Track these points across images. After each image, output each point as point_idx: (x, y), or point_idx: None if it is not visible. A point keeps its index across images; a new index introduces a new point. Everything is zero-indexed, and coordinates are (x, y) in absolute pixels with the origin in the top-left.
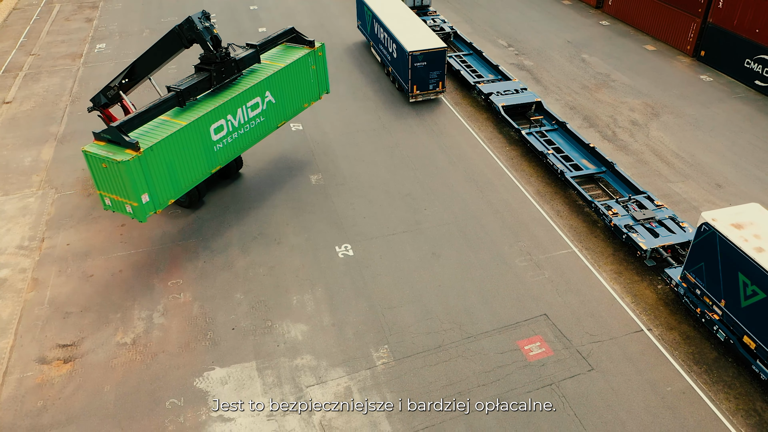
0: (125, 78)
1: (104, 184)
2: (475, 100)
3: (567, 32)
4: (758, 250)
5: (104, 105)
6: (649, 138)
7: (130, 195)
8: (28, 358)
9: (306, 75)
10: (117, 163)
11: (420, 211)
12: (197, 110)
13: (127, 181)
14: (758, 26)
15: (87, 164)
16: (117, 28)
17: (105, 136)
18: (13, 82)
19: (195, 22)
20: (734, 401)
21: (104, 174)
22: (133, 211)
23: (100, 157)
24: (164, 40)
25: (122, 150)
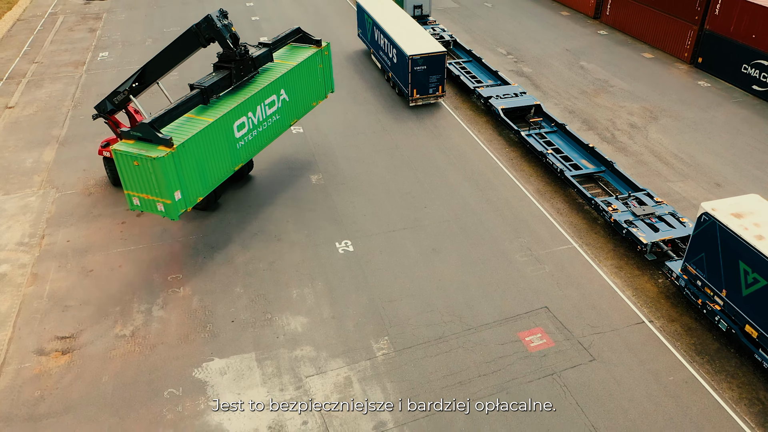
0: (135, 82)
1: (134, 184)
2: (474, 105)
3: (565, 41)
4: (758, 238)
5: (110, 111)
6: (648, 140)
7: (163, 192)
8: (26, 349)
9: (315, 73)
10: (152, 160)
11: (420, 209)
12: (221, 107)
13: (161, 178)
14: (755, 32)
15: (116, 163)
16: (120, 38)
17: (135, 134)
18: (16, 88)
19: (214, 21)
20: (737, 390)
21: (135, 173)
22: (165, 209)
23: (132, 155)
24: (180, 40)
25: (155, 147)
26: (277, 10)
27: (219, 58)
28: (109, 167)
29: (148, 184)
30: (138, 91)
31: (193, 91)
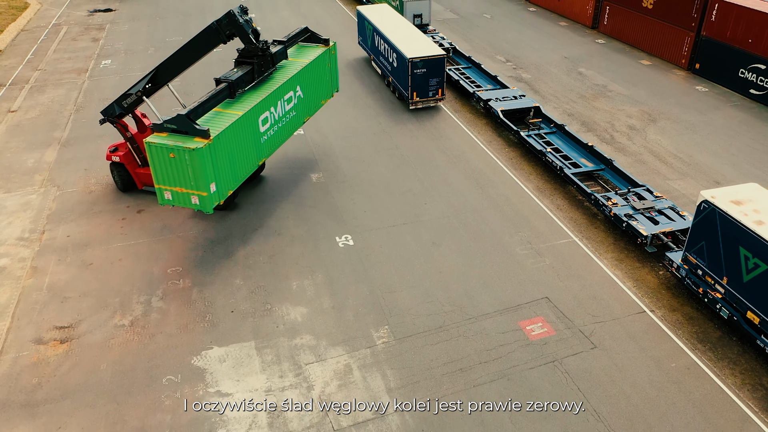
0: (149, 83)
1: (167, 177)
2: (474, 108)
3: (564, 49)
4: (758, 223)
5: (119, 115)
6: (647, 141)
7: (200, 185)
8: (25, 339)
9: (324, 71)
10: (190, 152)
11: (420, 205)
12: (247, 101)
13: (198, 169)
14: (751, 36)
15: (149, 157)
16: (123, 47)
17: (169, 126)
18: (19, 93)
19: (236, 16)
20: (740, 376)
21: (169, 165)
22: (200, 202)
23: (167, 147)
24: (199, 37)
25: (191, 138)
26: (277, 21)
27: (240, 54)
28: (118, 172)
29: (183, 177)
30: (151, 92)
31: (220, 85)
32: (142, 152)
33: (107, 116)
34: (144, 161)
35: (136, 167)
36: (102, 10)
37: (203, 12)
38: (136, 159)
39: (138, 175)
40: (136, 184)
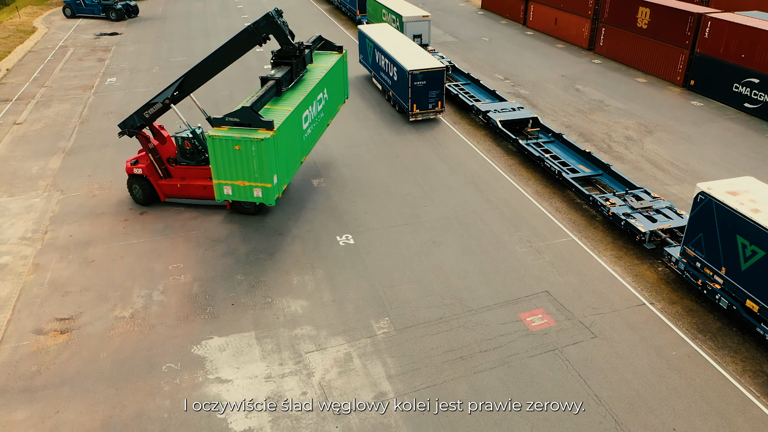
0: (176, 90)
1: (229, 171)
2: (473, 120)
3: (561, 69)
4: (755, 211)
5: (140, 126)
6: (644, 150)
7: (265, 176)
8: (25, 329)
9: (340, 77)
10: (257, 142)
11: (420, 207)
12: (291, 99)
13: (264, 161)
14: (744, 51)
15: (210, 151)
16: (128, 66)
17: (231, 120)
18: (24, 107)
19: (275, 17)
20: (741, 364)
21: (232, 159)
22: (264, 194)
23: (233, 139)
24: (233, 41)
25: (254, 130)
26: None
27: (277, 55)
28: (140, 185)
29: (246, 170)
30: (178, 100)
31: (268, 83)
32: (164, 163)
33: (126, 128)
34: (166, 173)
35: (158, 179)
36: (108, 33)
37: (207, 36)
38: (158, 171)
39: (161, 187)
40: (159, 196)
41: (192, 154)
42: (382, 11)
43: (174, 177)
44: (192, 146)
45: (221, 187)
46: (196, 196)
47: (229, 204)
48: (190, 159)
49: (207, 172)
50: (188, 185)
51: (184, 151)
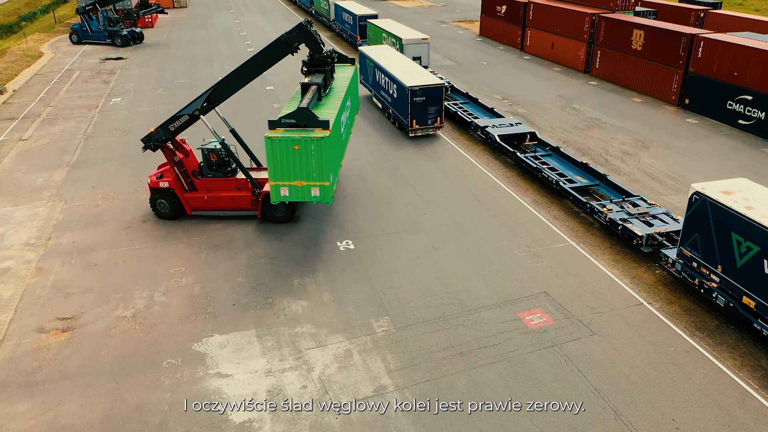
0: (206, 102)
1: (287, 172)
2: (471, 136)
3: (558, 90)
4: (748, 208)
5: (165, 140)
6: (640, 163)
7: (323, 175)
8: (27, 328)
9: (356, 88)
10: (317, 141)
11: (420, 215)
12: (330, 103)
13: (324, 159)
14: (736, 69)
15: (269, 153)
16: (132, 87)
17: (287, 121)
18: (30, 125)
19: (308, 27)
20: (739, 359)
21: (291, 159)
22: (321, 192)
23: (293, 139)
24: (265, 51)
25: (311, 131)
26: (281, 65)
27: (309, 63)
28: (167, 199)
29: (305, 169)
30: (206, 111)
31: (311, 87)
32: (190, 176)
33: (151, 142)
34: (191, 186)
35: (184, 192)
36: (113, 58)
37: (211, 60)
38: (184, 184)
39: (187, 200)
40: (185, 209)
41: (218, 165)
42: (383, 35)
43: (199, 190)
44: (218, 158)
45: (278, 189)
46: (224, 207)
47: (260, 213)
48: (216, 171)
49: (234, 183)
50: (216, 197)
51: (210, 163)
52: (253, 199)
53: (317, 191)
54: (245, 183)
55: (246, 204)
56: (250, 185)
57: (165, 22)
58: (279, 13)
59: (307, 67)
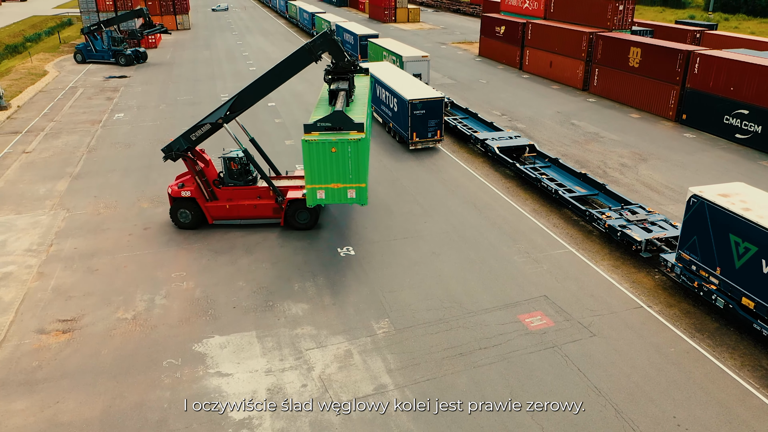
0: (229, 110)
1: (323, 175)
2: (471, 150)
3: (557, 106)
4: (746, 210)
5: (186, 149)
6: (639, 175)
7: (360, 176)
8: (27, 329)
9: (370, 96)
10: (354, 143)
11: (420, 223)
12: (357, 109)
13: (360, 161)
14: (732, 84)
15: (306, 156)
16: (135, 104)
17: (323, 125)
18: (34, 138)
19: (332, 35)
20: (739, 359)
21: (328, 161)
22: (358, 194)
23: (330, 141)
24: (289, 60)
25: (347, 133)
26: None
27: (333, 71)
28: (188, 209)
29: (341, 171)
30: (229, 119)
31: (340, 93)
32: (211, 186)
33: (172, 152)
34: (212, 195)
35: (205, 202)
36: (117, 76)
37: (213, 78)
38: (205, 193)
39: (209, 209)
40: (207, 219)
41: (239, 174)
42: (383, 53)
43: (220, 199)
44: (239, 166)
45: (314, 192)
46: (246, 216)
47: (283, 220)
48: (238, 179)
49: (256, 192)
50: (237, 206)
51: (231, 171)
52: (275, 207)
53: (353, 193)
54: (267, 191)
55: (268, 212)
56: (272, 193)
57: (168, 43)
58: (281, 35)
59: (331, 75)
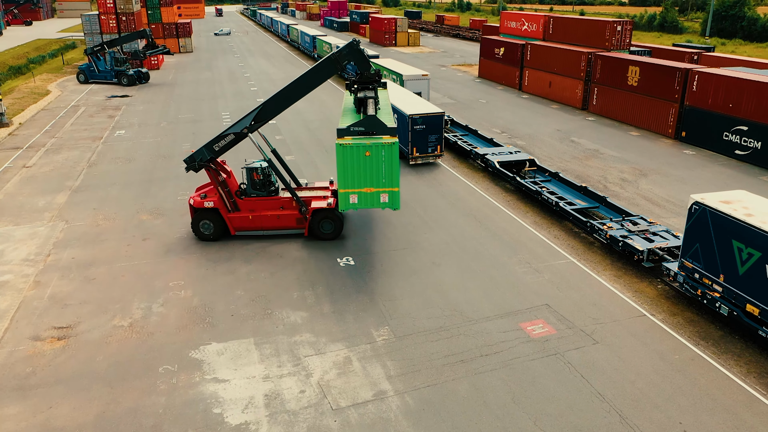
0: (254, 120)
1: (356, 179)
2: (471, 165)
3: (556, 124)
4: (748, 216)
5: (209, 160)
6: (639, 189)
7: (394, 180)
8: (22, 336)
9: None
10: (388, 146)
11: (420, 234)
12: (384, 116)
13: (394, 164)
14: (731, 101)
15: (340, 160)
16: (137, 121)
17: (356, 129)
18: (35, 154)
19: (358, 45)
20: (745, 366)
21: (362, 165)
22: (390, 198)
23: (364, 145)
24: (315, 69)
25: (380, 138)
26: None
27: (358, 81)
28: (211, 220)
29: (375, 176)
30: (254, 129)
31: (369, 100)
32: (233, 196)
33: (195, 162)
34: (234, 206)
35: (227, 212)
36: (119, 96)
37: (215, 98)
38: (227, 204)
39: (231, 220)
40: (229, 230)
41: (262, 185)
42: (384, 72)
43: (242, 210)
44: (262, 177)
45: (347, 197)
46: (269, 227)
47: (307, 230)
48: (260, 190)
49: (279, 203)
50: (260, 216)
51: (254, 182)
52: (299, 218)
53: (386, 197)
54: (290, 202)
55: (291, 222)
56: (296, 204)
57: (170, 65)
58: (282, 57)
59: (356, 85)
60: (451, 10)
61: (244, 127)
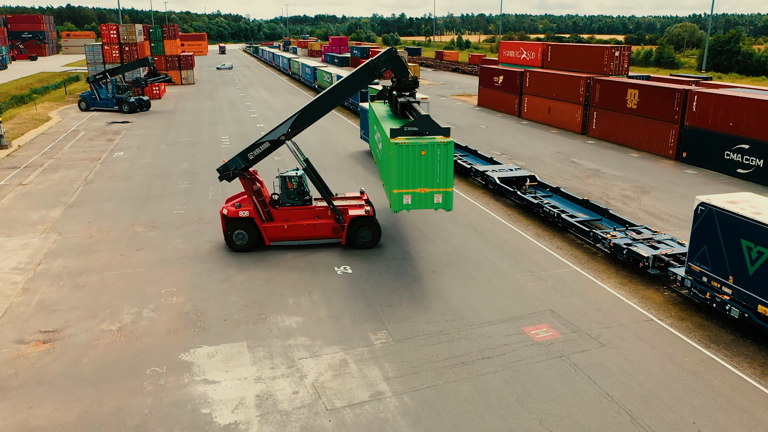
0: (290, 128)
1: (412, 179)
2: (472, 183)
3: (556, 147)
4: (756, 214)
5: (243, 168)
6: (642, 204)
7: (448, 180)
8: (6, 340)
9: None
10: (444, 145)
11: (419, 245)
12: None
13: (449, 164)
14: (731, 120)
15: (395, 160)
16: (136, 144)
17: (410, 129)
18: (32, 173)
19: (395, 52)
20: (759, 368)
21: (416, 165)
22: (444, 199)
23: (420, 145)
24: (353, 76)
25: (434, 137)
26: None
27: (396, 87)
28: (245, 229)
29: (430, 176)
30: (290, 137)
31: (414, 104)
32: (267, 206)
33: (229, 171)
34: (269, 216)
35: (262, 222)
36: (120, 122)
37: (215, 124)
38: (261, 214)
39: (266, 230)
40: (264, 240)
41: (297, 194)
42: None
43: (276, 219)
44: (296, 186)
45: (401, 197)
46: (305, 236)
47: (344, 239)
48: (295, 199)
49: (313, 212)
50: (296, 226)
51: (288, 191)
52: (335, 227)
53: (440, 198)
54: (325, 211)
55: (327, 232)
56: (332, 212)
57: (172, 95)
58: (283, 89)
59: (395, 91)
60: (450, 48)
61: (281, 134)
